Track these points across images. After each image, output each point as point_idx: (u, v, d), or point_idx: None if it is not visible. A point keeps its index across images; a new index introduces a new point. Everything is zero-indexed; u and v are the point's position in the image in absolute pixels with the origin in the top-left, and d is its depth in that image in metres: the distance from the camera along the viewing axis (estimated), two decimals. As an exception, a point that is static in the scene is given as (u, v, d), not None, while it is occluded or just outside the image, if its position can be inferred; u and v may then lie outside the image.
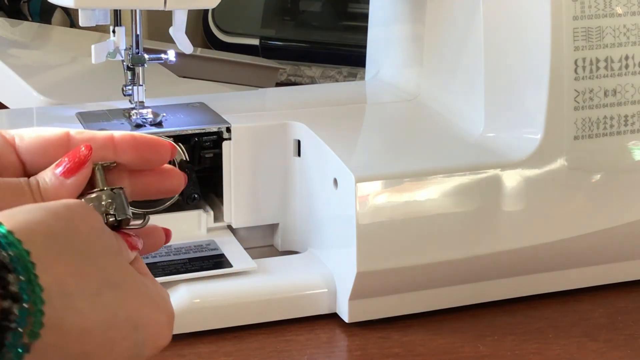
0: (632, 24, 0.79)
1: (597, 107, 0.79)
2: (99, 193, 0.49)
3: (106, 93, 0.93)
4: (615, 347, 0.74)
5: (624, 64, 0.79)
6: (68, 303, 0.42)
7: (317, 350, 0.73)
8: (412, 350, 0.73)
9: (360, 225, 0.73)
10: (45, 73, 1.15)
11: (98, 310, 0.43)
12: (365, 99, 0.93)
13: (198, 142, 0.81)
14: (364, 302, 0.76)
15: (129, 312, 0.45)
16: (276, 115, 0.84)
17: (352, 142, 0.82)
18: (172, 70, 1.18)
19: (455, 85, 0.84)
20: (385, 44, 0.94)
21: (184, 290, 0.75)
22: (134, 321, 0.45)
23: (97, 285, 0.44)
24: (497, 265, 0.78)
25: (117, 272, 0.45)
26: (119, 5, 0.79)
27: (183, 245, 0.80)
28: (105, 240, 0.46)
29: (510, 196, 0.77)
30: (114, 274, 0.45)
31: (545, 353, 0.73)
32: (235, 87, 1.20)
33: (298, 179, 0.82)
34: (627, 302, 0.81)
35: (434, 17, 0.87)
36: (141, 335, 0.46)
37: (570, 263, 0.81)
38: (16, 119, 0.87)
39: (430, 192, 0.75)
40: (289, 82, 1.36)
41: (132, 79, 0.82)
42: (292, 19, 1.46)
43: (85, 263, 0.43)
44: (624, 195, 0.80)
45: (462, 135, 0.81)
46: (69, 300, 0.42)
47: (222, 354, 0.72)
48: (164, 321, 0.47)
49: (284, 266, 0.79)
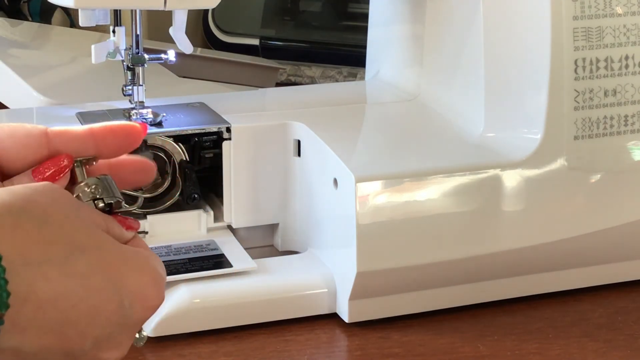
0: (632, 24, 0.79)
1: (597, 107, 0.79)
2: (85, 182, 0.49)
3: (106, 93, 0.93)
4: (615, 347, 0.74)
5: (624, 64, 0.79)
6: (35, 271, 0.42)
7: (317, 350, 0.73)
8: (412, 350, 0.73)
9: (360, 225, 0.73)
10: (45, 73, 1.15)
11: (70, 276, 0.43)
12: (365, 99, 0.93)
13: (198, 142, 0.81)
14: (364, 302, 0.76)
15: (107, 276, 0.44)
16: (276, 115, 0.84)
17: (352, 142, 0.82)
18: (172, 70, 1.18)
19: (455, 85, 0.84)
20: (385, 44, 0.94)
21: (184, 290, 0.75)
22: (115, 284, 0.45)
23: (65, 251, 0.43)
24: (497, 265, 0.78)
25: (88, 238, 0.45)
26: (119, 5, 0.79)
27: (183, 245, 0.80)
28: (71, 209, 0.45)
29: (510, 196, 0.77)
30: (85, 240, 0.44)
31: (545, 353, 0.73)
32: (235, 87, 1.20)
33: (298, 179, 0.82)
34: (627, 302, 0.81)
35: (434, 17, 0.87)
36: (126, 298, 0.45)
37: (570, 263, 0.81)
38: (16, 119, 0.87)
39: (430, 192, 0.75)
40: (289, 82, 1.36)
41: (132, 79, 0.82)
42: (292, 19, 1.46)
43: (49, 231, 0.43)
44: (624, 195, 0.80)
45: (462, 135, 0.81)
46: (36, 269, 0.42)
47: (222, 354, 0.72)
48: (147, 281, 0.47)
49: (284, 266, 0.79)
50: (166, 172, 0.82)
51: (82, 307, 0.43)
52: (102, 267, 0.45)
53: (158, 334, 0.73)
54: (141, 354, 0.72)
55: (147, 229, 0.81)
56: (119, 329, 0.46)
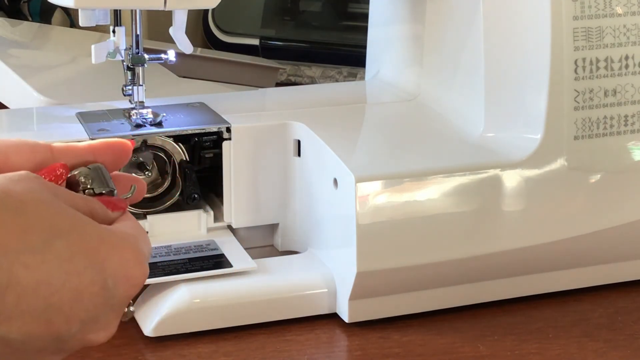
0: (632, 24, 0.79)
1: (597, 107, 0.79)
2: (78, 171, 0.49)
3: (106, 93, 0.93)
4: (615, 347, 0.74)
5: (624, 64, 0.79)
6: (14, 260, 0.42)
7: (317, 350, 0.73)
8: (412, 350, 0.73)
9: (360, 225, 0.73)
10: (45, 73, 1.15)
11: (50, 261, 0.43)
12: (365, 99, 0.93)
13: (198, 142, 0.81)
14: (364, 302, 0.76)
15: (88, 258, 0.45)
16: (276, 115, 0.84)
17: (352, 142, 0.82)
18: (172, 70, 1.18)
19: (455, 85, 0.84)
20: (385, 44, 0.94)
21: (184, 290, 0.75)
22: (97, 266, 0.45)
23: (43, 237, 0.44)
24: (497, 265, 0.78)
25: (67, 222, 0.45)
26: (119, 5, 0.79)
27: (183, 245, 0.80)
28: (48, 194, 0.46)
29: (510, 196, 0.77)
30: (64, 224, 0.45)
31: (545, 353, 0.73)
32: (235, 87, 1.20)
33: (298, 179, 0.82)
34: (627, 302, 0.81)
35: (434, 17, 0.87)
36: (110, 278, 0.46)
37: (570, 263, 0.81)
38: (16, 119, 0.87)
39: (430, 192, 0.75)
40: (289, 82, 1.36)
41: (132, 79, 0.82)
42: (292, 19, 1.46)
43: (24, 219, 0.44)
44: (624, 195, 0.80)
45: (462, 135, 0.81)
46: (15, 258, 0.42)
47: (222, 354, 0.72)
48: (128, 257, 0.47)
49: (284, 266, 0.79)
50: (166, 172, 0.82)
51: (65, 291, 0.44)
52: (83, 250, 0.45)
53: (158, 334, 0.73)
54: (141, 354, 0.72)
55: (147, 229, 0.81)
56: (105, 309, 0.46)
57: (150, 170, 0.82)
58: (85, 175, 0.49)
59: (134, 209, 0.81)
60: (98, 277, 0.45)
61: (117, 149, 0.52)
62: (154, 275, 0.75)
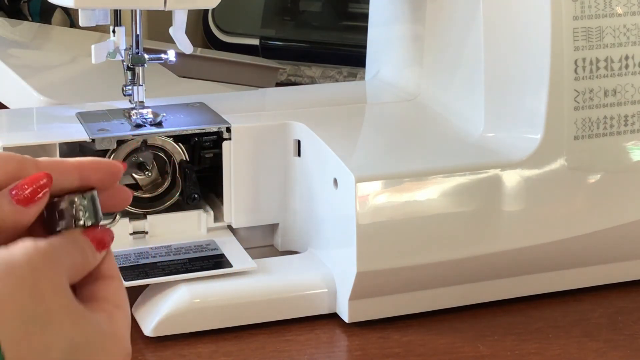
0: (632, 24, 0.79)
1: (597, 107, 0.79)
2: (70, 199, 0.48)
3: (106, 93, 0.93)
4: (615, 347, 0.74)
5: (624, 64, 0.79)
6: None
7: (317, 350, 0.73)
8: (412, 350, 0.73)
9: (360, 225, 0.73)
10: (45, 73, 1.15)
11: (32, 351, 0.42)
12: (365, 99, 0.93)
13: (198, 142, 0.81)
14: (364, 302, 0.76)
15: (67, 346, 0.43)
16: (276, 115, 0.84)
17: (352, 142, 0.82)
18: (172, 70, 1.18)
19: (455, 86, 0.84)
20: (385, 44, 0.94)
21: (184, 290, 0.75)
22: (76, 350, 0.44)
23: (59, 356, 0.43)
24: (497, 265, 0.78)
25: (80, 333, 0.44)
26: (119, 5, 0.79)
27: (183, 245, 0.80)
28: (67, 296, 0.45)
29: (510, 196, 0.77)
30: (77, 336, 0.44)
31: (545, 353, 0.73)
32: (235, 87, 1.20)
33: (298, 179, 0.82)
34: (627, 302, 0.81)
35: (434, 17, 0.87)
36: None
37: (570, 263, 0.81)
38: (16, 119, 0.87)
39: (430, 192, 0.75)
40: (289, 82, 1.36)
41: (132, 79, 0.82)
42: (292, 19, 1.46)
43: (47, 333, 0.43)
44: (624, 195, 0.81)
45: (462, 135, 0.81)
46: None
47: (222, 354, 0.72)
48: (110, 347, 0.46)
49: (284, 266, 0.79)
50: (166, 172, 0.82)
51: None
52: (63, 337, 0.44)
53: (158, 334, 0.73)
54: (141, 354, 0.72)
55: (147, 229, 0.81)
56: None
57: (150, 170, 0.82)
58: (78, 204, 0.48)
59: (134, 209, 0.81)
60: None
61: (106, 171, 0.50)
62: (154, 275, 0.75)
